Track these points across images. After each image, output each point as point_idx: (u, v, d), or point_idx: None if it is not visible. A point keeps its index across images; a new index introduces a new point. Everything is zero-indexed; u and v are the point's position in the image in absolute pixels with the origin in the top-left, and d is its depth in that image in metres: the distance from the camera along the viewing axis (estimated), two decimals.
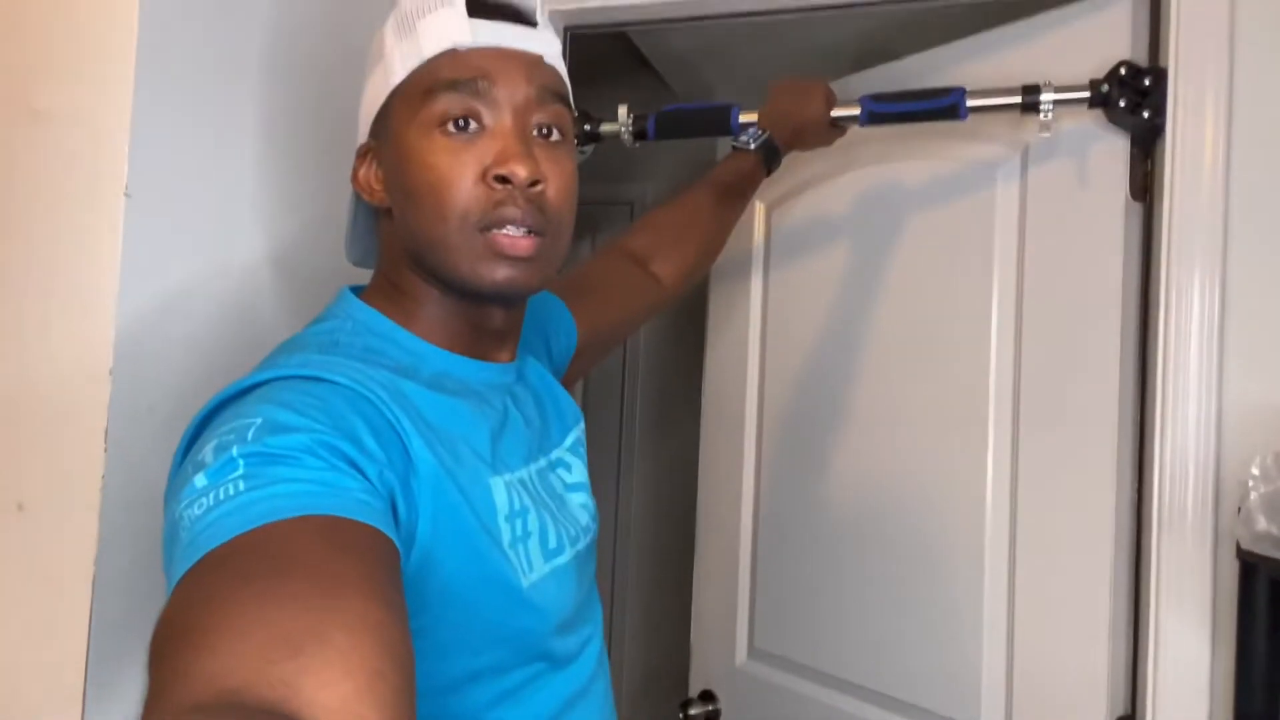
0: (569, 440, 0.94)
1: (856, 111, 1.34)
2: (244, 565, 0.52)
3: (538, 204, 0.76)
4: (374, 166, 0.81)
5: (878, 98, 1.33)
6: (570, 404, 0.97)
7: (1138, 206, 1.28)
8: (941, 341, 1.46)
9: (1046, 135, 1.26)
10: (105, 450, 0.88)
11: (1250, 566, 1.07)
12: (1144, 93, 1.22)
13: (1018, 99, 1.26)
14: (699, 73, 2.32)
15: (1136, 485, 1.26)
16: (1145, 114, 1.22)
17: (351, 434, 0.64)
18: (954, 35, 1.50)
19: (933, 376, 1.46)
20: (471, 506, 0.73)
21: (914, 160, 1.52)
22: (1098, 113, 1.28)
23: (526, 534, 0.78)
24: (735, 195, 1.33)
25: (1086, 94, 1.24)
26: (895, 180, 1.54)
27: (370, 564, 0.55)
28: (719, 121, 1.41)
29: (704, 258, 1.32)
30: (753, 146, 1.32)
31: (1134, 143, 1.28)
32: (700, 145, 2.02)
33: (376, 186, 0.80)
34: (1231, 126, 1.17)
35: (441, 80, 0.75)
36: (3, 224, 0.94)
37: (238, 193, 1.03)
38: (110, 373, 0.88)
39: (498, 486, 0.77)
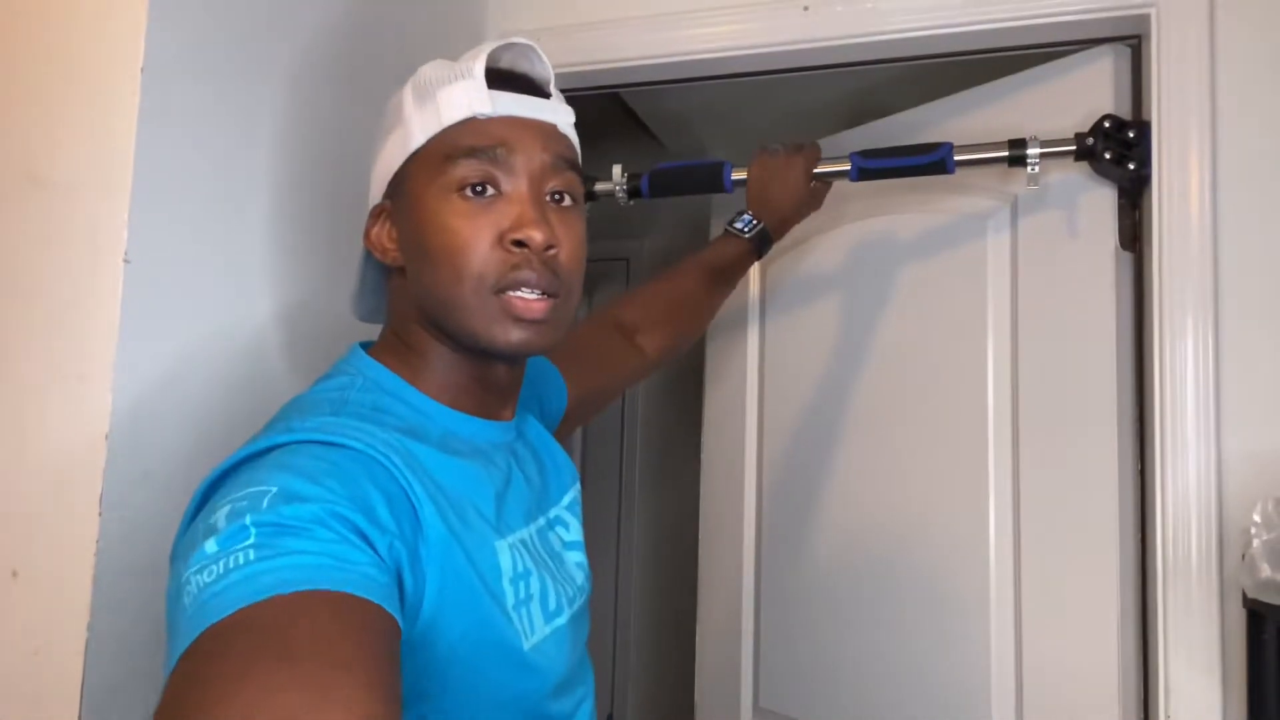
0: (566, 499, 0.94)
1: (846, 168, 1.36)
2: (247, 645, 0.52)
3: (551, 267, 0.78)
4: (388, 226, 0.82)
5: (866, 154, 1.36)
6: (567, 462, 0.98)
7: (1128, 256, 1.29)
8: (938, 392, 1.46)
9: (1034, 188, 1.27)
10: (100, 516, 0.87)
11: (1257, 614, 1.06)
12: (1129, 144, 1.24)
13: (1005, 153, 1.28)
14: (692, 132, 2.36)
15: (1139, 534, 1.25)
16: (1131, 165, 1.24)
17: (365, 504, 0.64)
18: (942, 92, 1.53)
19: (930, 428, 1.46)
20: (477, 571, 0.73)
21: (906, 213, 1.54)
22: (1085, 164, 1.30)
23: (529, 596, 0.78)
24: (725, 279, 1.37)
25: (1072, 147, 1.26)
26: (888, 233, 1.56)
27: (371, 646, 0.55)
28: (711, 178, 1.44)
29: (688, 335, 1.35)
30: (747, 235, 1.35)
31: (1121, 193, 1.30)
32: (695, 201, 2.05)
33: (390, 245, 0.82)
34: (1217, 174, 1.18)
35: (461, 147, 0.77)
36: (2, 289, 0.95)
37: (237, 259, 1.04)
38: (107, 438, 0.87)
39: (502, 549, 0.78)
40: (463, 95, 0.78)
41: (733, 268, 1.37)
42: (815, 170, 1.38)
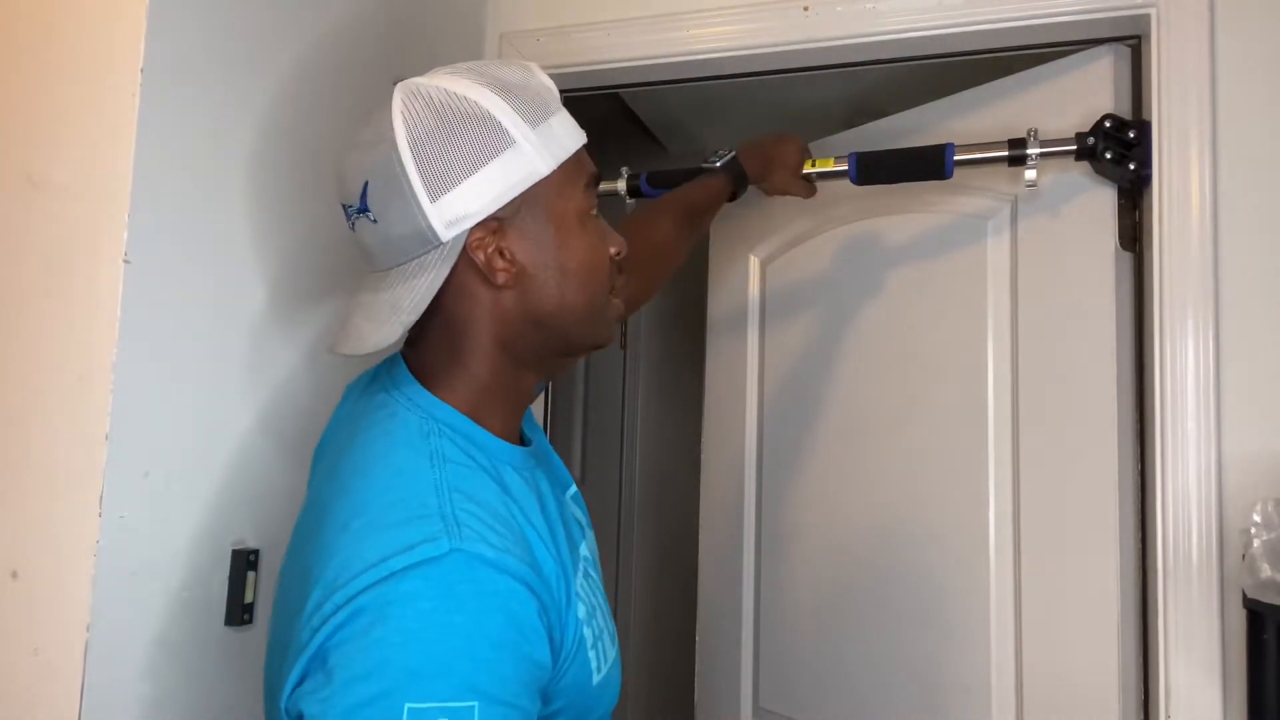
0: (583, 513, 0.95)
1: (845, 168, 1.36)
2: None
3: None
4: (497, 244, 0.79)
5: (865, 155, 1.35)
6: (559, 462, 0.97)
7: (1127, 256, 1.29)
8: (938, 392, 1.46)
9: (1033, 188, 1.27)
10: (100, 516, 0.87)
11: (1257, 614, 1.06)
12: (1129, 144, 1.24)
13: (1005, 153, 1.28)
14: (693, 133, 2.36)
15: (1140, 535, 1.25)
16: (1131, 165, 1.24)
17: (542, 661, 0.72)
18: (941, 92, 1.53)
19: (930, 428, 1.46)
20: (577, 625, 0.78)
21: (906, 214, 1.54)
22: (1085, 164, 1.30)
23: (600, 631, 0.82)
24: (698, 217, 1.33)
25: (1073, 147, 1.26)
26: (888, 233, 1.56)
27: None
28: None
29: (659, 282, 1.30)
30: (718, 165, 1.36)
31: (1121, 193, 1.30)
32: None
33: (503, 262, 0.79)
34: (1217, 174, 1.18)
35: (591, 175, 0.85)
36: (2, 290, 0.95)
37: (237, 259, 1.04)
38: (107, 438, 0.88)
39: (576, 593, 0.80)
40: (569, 126, 0.83)
41: (707, 204, 1.34)
42: (817, 171, 1.38)
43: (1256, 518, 1.05)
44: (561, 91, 1.57)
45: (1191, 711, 1.13)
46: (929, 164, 1.31)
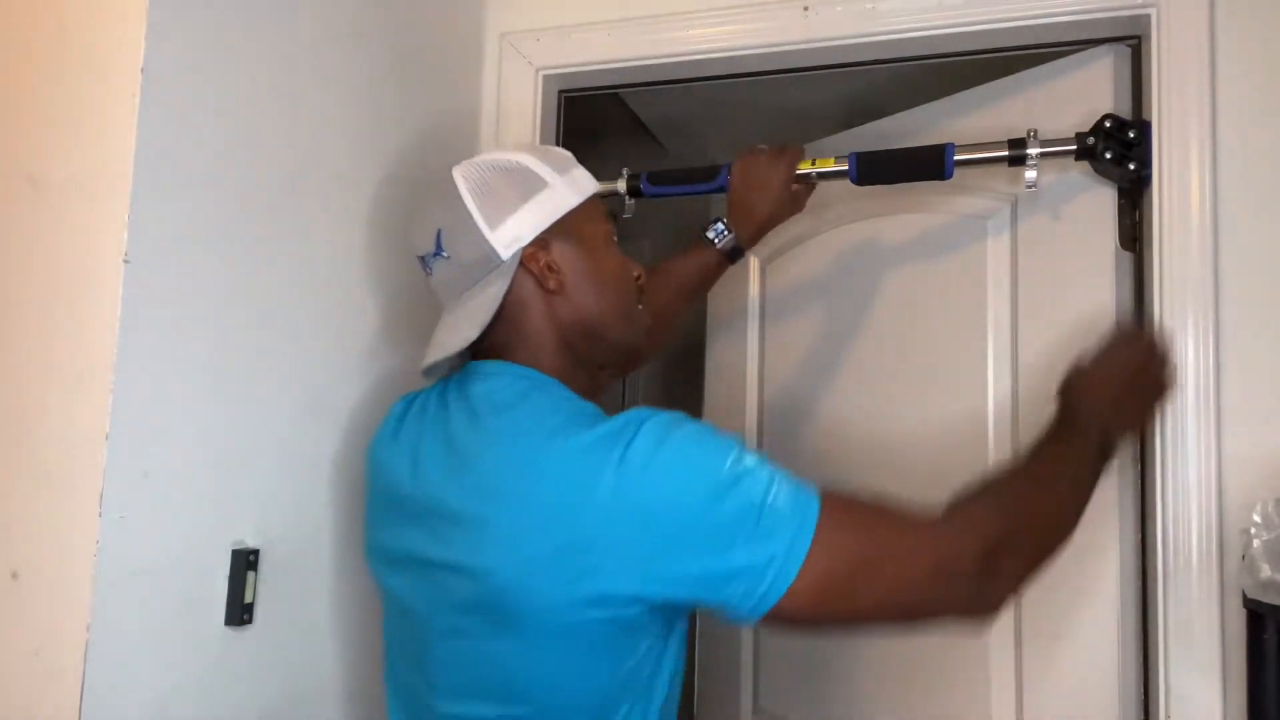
0: None
1: (845, 168, 1.36)
2: (853, 497, 0.88)
3: None
4: (548, 256, 0.98)
5: (865, 155, 1.35)
6: None
7: (1127, 256, 1.29)
8: (938, 392, 1.46)
9: (1033, 189, 1.27)
10: (100, 516, 0.87)
11: (1257, 615, 1.06)
12: (1129, 144, 1.24)
13: (1005, 153, 1.28)
14: (693, 133, 2.36)
15: (1140, 535, 1.25)
16: (1131, 165, 1.24)
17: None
18: (941, 92, 1.53)
19: (931, 427, 1.46)
20: None
21: (906, 214, 1.53)
22: (1085, 164, 1.30)
23: None
24: (695, 291, 1.40)
25: (1073, 147, 1.26)
26: (888, 233, 1.56)
27: None
28: (708, 175, 1.43)
29: (657, 349, 1.40)
30: (718, 245, 1.35)
31: (1121, 193, 1.30)
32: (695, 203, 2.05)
33: (552, 272, 0.98)
34: (1217, 174, 1.18)
35: (608, 211, 1.08)
36: (1, 290, 0.95)
37: (237, 259, 1.04)
38: (107, 438, 0.88)
39: None
40: (587, 175, 1.06)
41: (704, 279, 1.40)
42: (817, 171, 1.38)
43: (1256, 518, 1.05)
44: (561, 91, 1.58)
45: (1191, 711, 1.13)
46: (929, 164, 1.31)
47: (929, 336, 1.48)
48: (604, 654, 0.87)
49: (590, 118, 1.77)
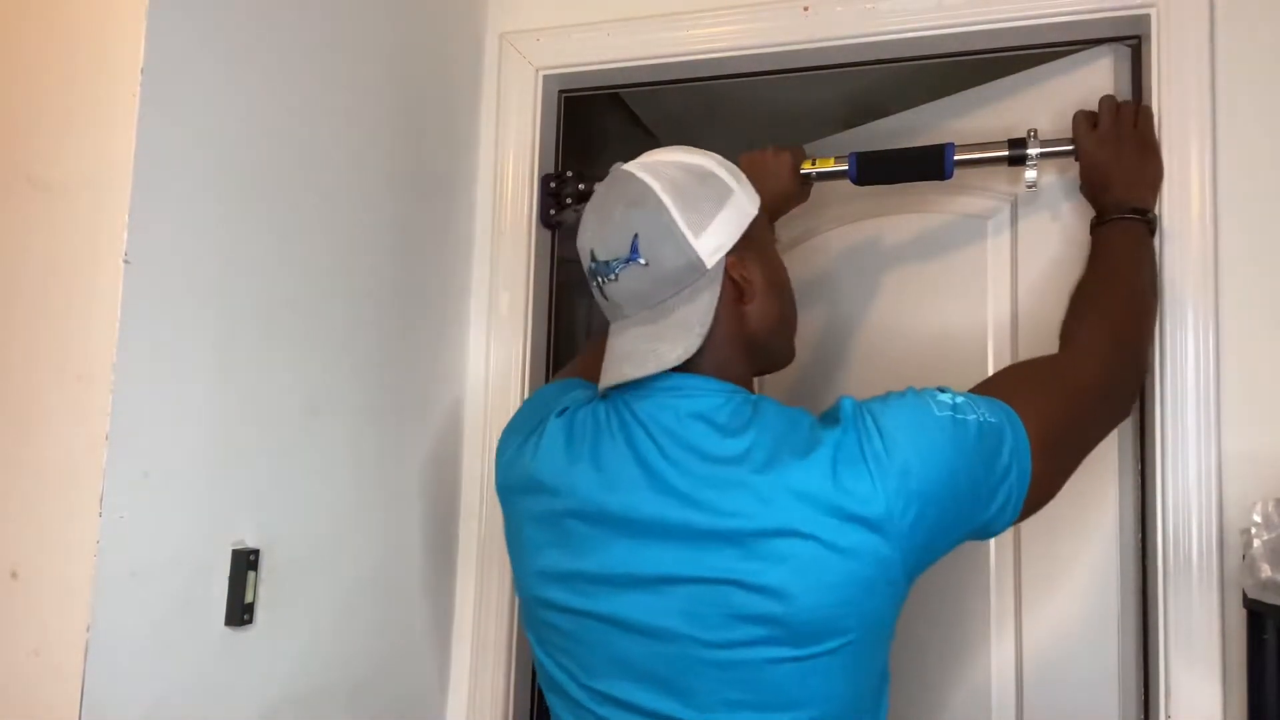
0: None
1: (845, 168, 1.35)
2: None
3: None
4: (744, 264, 0.98)
5: (865, 155, 1.35)
6: None
7: None
8: None
9: (1033, 189, 1.27)
10: (100, 516, 0.87)
11: (1257, 615, 1.06)
12: None
13: (1005, 153, 1.28)
14: (693, 133, 2.35)
15: (1140, 535, 1.25)
16: None
17: None
18: (941, 92, 1.52)
19: None
20: None
21: (906, 214, 1.53)
22: None
23: None
24: None
25: (1072, 147, 1.26)
26: (888, 233, 1.56)
27: None
28: None
29: None
30: None
31: None
32: None
33: (748, 283, 0.98)
34: (1217, 174, 1.18)
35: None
36: (2, 290, 0.95)
37: (237, 259, 1.04)
38: (107, 438, 0.88)
39: None
40: (750, 183, 1.04)
41: None
42: (817, 171, 1.37)
43: (1256, 518, 1.05)
44: (561, 91, 1.58)
45: (1191, 711, 1.13)
46: (929, 164, 1.31)
47: (929, 336, 1.48)
48: (885, 646, 0.92)
49: (590, 118, 1.77)
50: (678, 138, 0.99)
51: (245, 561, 1.03)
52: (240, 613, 1.02)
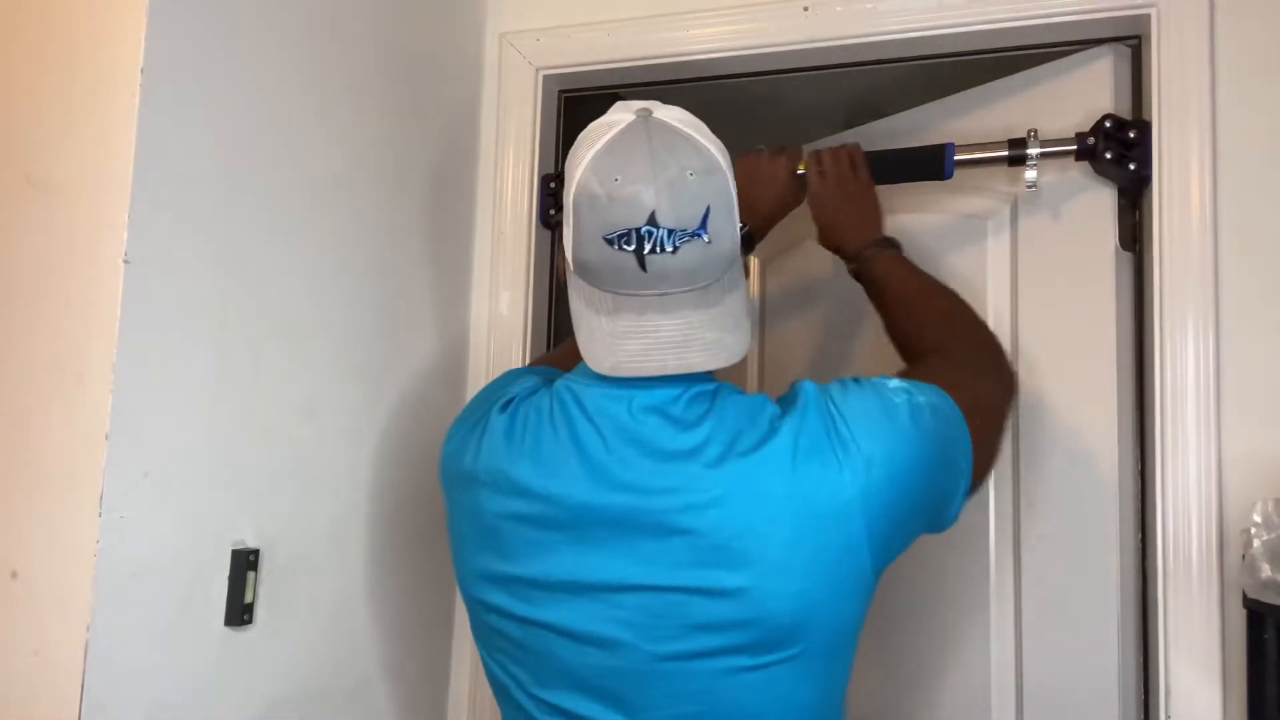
0: None
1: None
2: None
3: None
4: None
5: (865, 155, 1.35)
6: None
7: (1127, 256, 1.29)
8: None
9: (1033, 189, 1.27)
10: (100, 516, 0.87)
11: (1257, 615, 1.06)
12: (1129, 144, 1.24)
13: (1005, 153, 1.28)
14: None
15: (1140, 535, 1.25)
16: (1131, 165, 1.24)
17: None
18: (941, 92, 1.52)
19: None
20: None
21: (906, 213, 1.53)
22: (1084, 164, 1.30)
23: None
24: None
25: (1073, 147, 1.26)
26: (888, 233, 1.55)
27: None
28: None
29: None
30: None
31: (1121, 194, 1.30)
32: None
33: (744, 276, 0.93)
34: (1217, 174, 1.18)
35: None
36: (2, 290, 0.95)
37: (237, 259, 1.04)
38: (107, 438, 0.88)
39: None
40: None
41: None
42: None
43: (1256, 518, 1.05)
44: (561, 91, 1.58)
45: (1191, 711, 1.13)
46: (929, 164, 1.31)
47: None
48: (851, 649, 0.89)
49: (590, 118, 1.76)
50: None
51: (245, 561, 1.03)
52: (240, 613, 1.02)
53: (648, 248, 0.83)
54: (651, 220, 0.83)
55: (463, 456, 0.95)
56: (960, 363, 1.03)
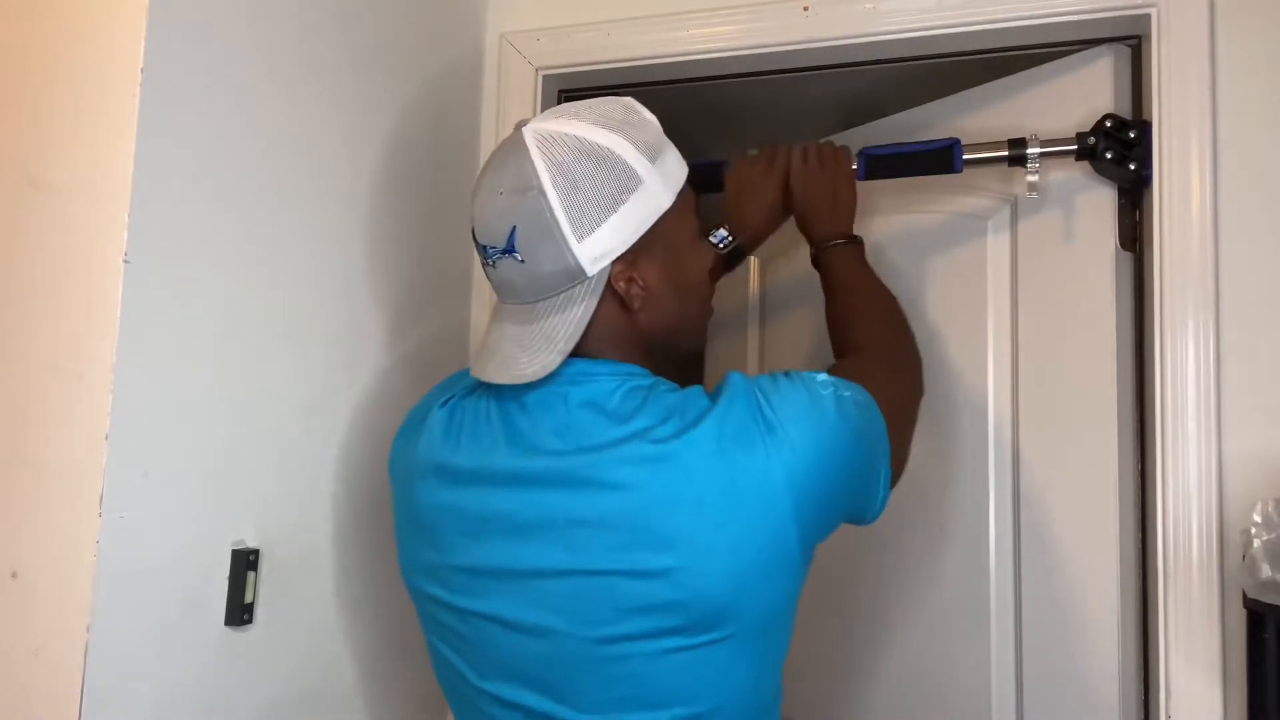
0: None
1: (855, 167, 1.35)
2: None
3: None
4: (634, 271, 0.91)
5: (873, 158, 1.34)
6: None
7: (1128, 256, 1.29)
8: (937, 392, 1.46)
9: (1034, 195, 1.27)
10: (100, 516, 0.87)
11: (1258, 615, 1.06)
12: (1129, 144, 1.24)
13: (1005, 153, 1.28)
14: (692, 135, 2.35)
15: (1140, 535, 1.25)
16: (1132, 165, 1.24)
17: None
18: (943, 92, 1.52)
19: (930, 427, 1.46)
20: None
21: (906, 213, 1.53)
22: (1085, 164, 1.30)
23: None
24: None
25: (1073, 147, 1.26)
26: (888, 232, 1.56)
27: None
28: (711, 173, 1.43)
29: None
30: (722, 249, 1.30)
31: (1121, 193, 1.30)
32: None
33: (638, 288, 0.91)
34: (1218, 174, 1.18)
35: (694, 198, 0.97)
36: (2, 290, 0.95)
37: (237, 259, 1.04)
38: (107, 438, 0.88)
39: None
40: (676, 155, 0.95)
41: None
42: None
43: (1256, 518, 1.05)
44: (561, 91, 1.57)
45: (1191, 710, 1.13)
46: (939, 160, 1.31)
47: (928, 335, 1.48)
48: (785, 634, 0.91)
49: None
50: (676, 138, 0.96)
51: (245, 561, 1.03)
52: (240, 613, 1.02)
53: (482, 259, 0.92)
54: (473, 234, 0.91)
55: (404, 452, 0.99)
56: (883, 363, 1.08)
